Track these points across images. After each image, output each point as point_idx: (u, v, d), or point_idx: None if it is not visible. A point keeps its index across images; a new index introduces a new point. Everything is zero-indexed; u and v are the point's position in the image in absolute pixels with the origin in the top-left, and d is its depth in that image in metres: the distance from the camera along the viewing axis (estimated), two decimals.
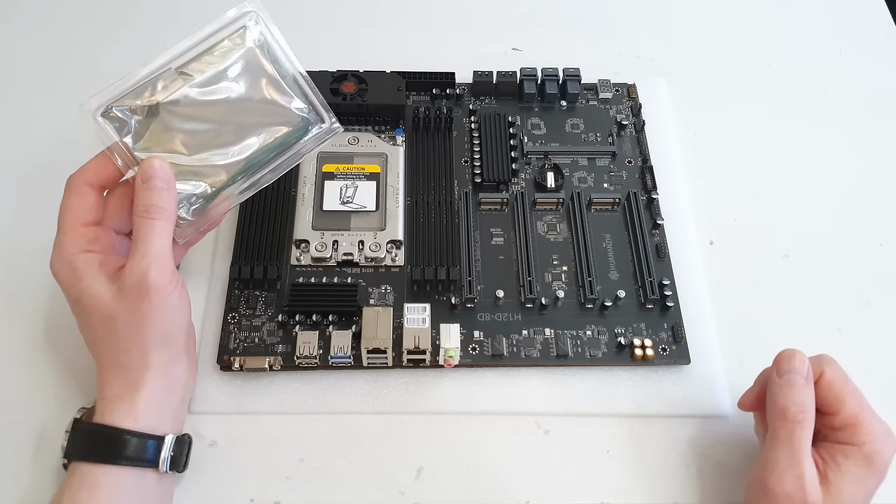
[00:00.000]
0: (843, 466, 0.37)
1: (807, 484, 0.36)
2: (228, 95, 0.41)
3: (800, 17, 0.65)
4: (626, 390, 0.45)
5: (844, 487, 0.36)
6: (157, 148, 0.41)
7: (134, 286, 0.37)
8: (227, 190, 0.42)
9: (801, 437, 0.37)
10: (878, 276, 0.51)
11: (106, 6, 0.63)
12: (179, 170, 0.41)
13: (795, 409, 0.37)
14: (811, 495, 0.36)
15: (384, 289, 0.48)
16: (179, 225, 0.41)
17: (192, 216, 0.41)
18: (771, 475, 0.37)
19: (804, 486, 0.36)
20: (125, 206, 0.40)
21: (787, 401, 0.38)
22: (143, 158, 0.40)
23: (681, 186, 0.54)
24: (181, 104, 0.41)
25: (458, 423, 0.44)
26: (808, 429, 0.37)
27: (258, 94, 0.42)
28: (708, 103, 0.59)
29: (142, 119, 0.40)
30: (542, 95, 0.56)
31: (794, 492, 0.36)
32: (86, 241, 0.39)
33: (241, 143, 0.42)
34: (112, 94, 0.40)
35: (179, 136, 0.41)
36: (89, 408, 0.41)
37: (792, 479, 0.36)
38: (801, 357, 0.39)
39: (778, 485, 0.37)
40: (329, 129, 0.44)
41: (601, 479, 0.43)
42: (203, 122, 0.41)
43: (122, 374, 0.39)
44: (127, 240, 0.42)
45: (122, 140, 0.40)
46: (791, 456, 0.37)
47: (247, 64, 0.42)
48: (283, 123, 0.43)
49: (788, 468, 0.37)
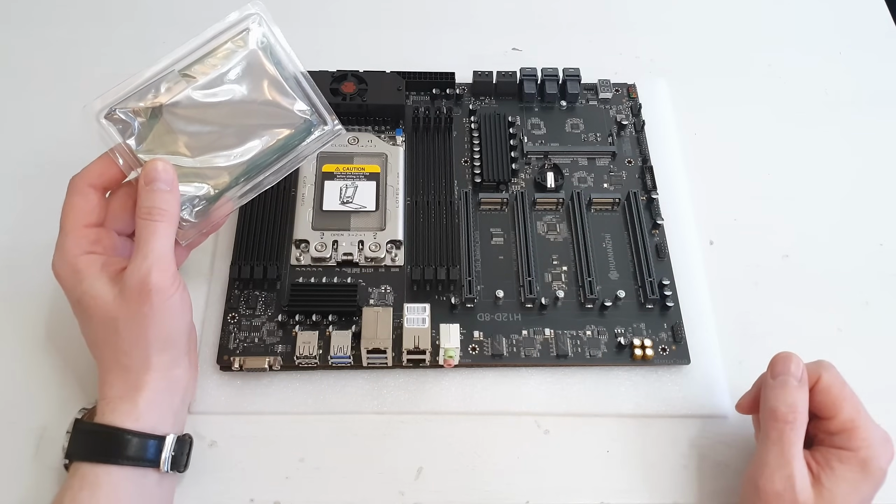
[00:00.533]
0: (837, 471, 0.37)
1: (797, 484, 0.36)
2: (231, 97, 0.41)
3: (800, 17, 0.65)
4: (626, 390, 0.45)
5: (838, 491, 0.36)
6: (160, 150, 0.41)
7: (135, 288, 0.37)
8: (229, 192, 0.42)
9: (791, 438, 0.37)
10: (878, 276, 0.51)
11: (105, 6, 0.63)
12: (182, 172, 0.41)
13: (785, 410, 0.37)
14: (801, 495, 0.36)
15: (384, 289, 0.48)
16: (182, 227, 0.41)
17: (194, 218, 0.42)
18: (762, 475, 0.37)
19: (794, 486, 0.36)
20: (128, 208, 0.41)
21: (777, 401, 0.38)
22: (146, 160, 0.40)
23: (681, 186, 0.54)
24: (184, 106, 0.41)
25: (458, 423, 0.44)
26: (798, 430, 0.37)
27: (261, 96, 0.42)
28: (708, 103, 0.59)
29: (145, 121, 0.40)
30: (542, 95, 0.56)
31: (784, 491, 0.36)
32: (88, 243, 0.39)
33: (244, 146, 0.42)
34: (115, 97, 0.40)
35: (182, 138, 0.41)
36: (90, 408, 0.41)
37: (782, 479, 0.37)
38: (797, 360, 0.39)
39: (768, 484, 0.37)
40: (332, 131, 0.44)
41: (601, 479, 0.43)
42: (206, 124, 0.41)
43: (123, 375, 0.39)
44: (129, 241, 0.42)
45: (125, 142, 0.40)
46: (781, 456, 0.37)
47: (249, 66, 0.42)
48: (286, 125, 0.43)
49: (778, 468, 0.37)
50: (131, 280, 0.38)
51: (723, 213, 0.53)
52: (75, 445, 0.38)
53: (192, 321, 0.42)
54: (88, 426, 0.38)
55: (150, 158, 0.40)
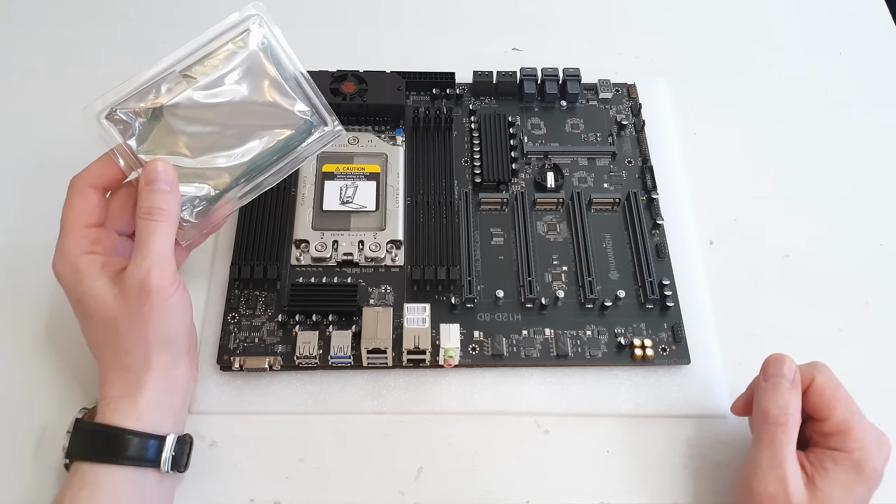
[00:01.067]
0: (831, 472, 0.37)
1: (790, 486, 0.36)
2: (232, 98, 0.41)
3: (800, 17, 0.65)
4: (626, 390, 0.45)
5: (831, 492, 0.37)
6: (161, 150, 0.41)
7: (135, 288, 0.37)
8: (230, 192, 0.42)
9: (783, 440, 0.37)
10: (878, 276, 0.51)
11: (105, 6, 0.63)
12: (183, 172, 0.41)
13: (777, 412, 0.38)
14: (794, 497, 0.36)
15: (384, 289, 0.48)
16: (182, 227, 0.41)
17: (195, 218, 0.42)
18: (755, 476, 0.37)
19: (787, 488, 0.36)
20: (128, 208, 0.41)
21: (769, 403, 0.38)
22: (146, 161, 0.40)
23: (681, 186, 0.54)
24: (185, 107, 0.41)
25: (458, 423, 0.44)
26: (790, 432, 0.37)
27: (261, 97, 0.42)
28: (708, 103, 0.59)
29: (145, 122, 0.40)
30: (542, 95, 0.56)
31: (777, 493, 0.36)
32: (88, 243, 0.39)
33: (244, 146, 0.42)
34: (116, 97, 0.40)
35: (183, 139, 0.41)
36: (90, 408, 0.41)
37: (774, 481, 0.37)
38: (790, 362, 0.39)
39: (761, 485, 0.37)
40: (332, 132, 0.44)
41: (601, 479, 0.43)
42: (206, 124, 0.41)
43: (123, 375, 0.39)
44: (129, 241, 0.42)
45: (125, 142, 0.40)
46: (773, 458, 0.37)
47: (250, 67, 0.42)
48: (286, 126, 0.43)
49: (770, 469, 0.37)
50: (131, 280, 0.38)
51: (723, 213, 0.53)
52: (76, 445, 0.38)
53: (192, 321, 0.42)
54: (89, 426, 0.38)
55: (151, 159, 0.40)
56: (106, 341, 0.39)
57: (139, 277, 0.37)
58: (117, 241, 0.41)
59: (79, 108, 0.40)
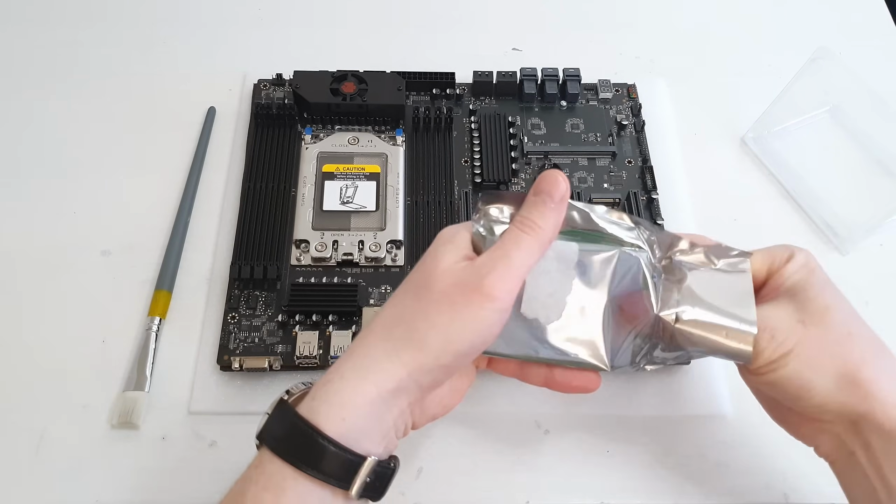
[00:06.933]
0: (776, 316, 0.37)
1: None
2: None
3: (800, 17, 0.65)
4: (626, 390, 0.45)
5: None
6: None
7: (468, 281, 0.34)
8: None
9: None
10: (878, 276, 0.51)
11: (105, 6, 0.63)
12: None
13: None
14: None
15: (384, 289, 0.48)
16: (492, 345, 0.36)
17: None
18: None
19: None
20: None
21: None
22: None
23: (681, 186, 0.54)
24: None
25: (457, 423, 0.44)
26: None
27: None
28: (708, 103, 0.59)
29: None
30: (542, 95, 0.56)
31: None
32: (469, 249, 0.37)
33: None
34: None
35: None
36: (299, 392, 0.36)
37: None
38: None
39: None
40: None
41: (601, 479, 0.43)
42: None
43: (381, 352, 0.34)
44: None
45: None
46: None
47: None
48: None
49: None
50: (469, 271, 0.34)
51: (723, 213, 0.53)
52: (270, 429, 0.34)
53: (479, 354, 0.36)
54: (291, 413, 0.33)
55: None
56: (402, 313, 0.35)
57: (477, 273, 0.34)
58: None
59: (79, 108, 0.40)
